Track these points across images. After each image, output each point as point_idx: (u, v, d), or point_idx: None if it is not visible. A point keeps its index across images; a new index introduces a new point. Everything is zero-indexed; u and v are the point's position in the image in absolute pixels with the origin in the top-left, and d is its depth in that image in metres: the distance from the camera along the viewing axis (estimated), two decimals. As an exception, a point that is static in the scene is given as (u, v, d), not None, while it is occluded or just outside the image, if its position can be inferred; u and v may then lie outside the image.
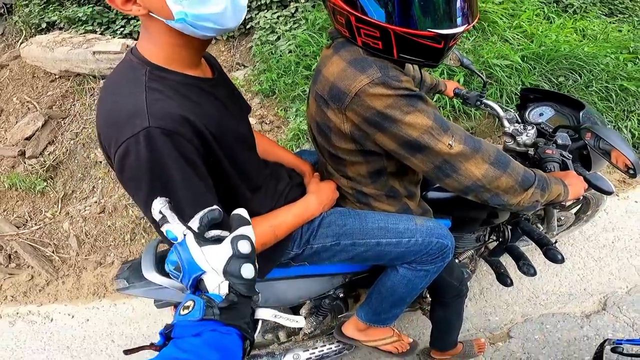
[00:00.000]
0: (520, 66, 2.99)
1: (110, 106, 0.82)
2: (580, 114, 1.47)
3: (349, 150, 1.06)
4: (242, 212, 0.69)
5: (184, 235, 0.64)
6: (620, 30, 3.63)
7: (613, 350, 0.96)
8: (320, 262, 1.20)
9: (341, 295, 1.45)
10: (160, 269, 1.15)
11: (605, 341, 0.99)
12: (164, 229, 0.66)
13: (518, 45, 3.17)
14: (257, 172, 1.06)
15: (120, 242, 2.79)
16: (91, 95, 3.36)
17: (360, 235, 1.14)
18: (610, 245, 2.44)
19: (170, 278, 1.11)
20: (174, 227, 0.65)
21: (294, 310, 1.60)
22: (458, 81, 2.82)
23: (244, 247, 0.62)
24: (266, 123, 3.15)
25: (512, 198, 1.00)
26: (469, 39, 3.21)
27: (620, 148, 1.19)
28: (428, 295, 1.71)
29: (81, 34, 3.57)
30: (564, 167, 1.29)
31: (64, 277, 2.70)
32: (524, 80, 2.98)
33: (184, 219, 0.76)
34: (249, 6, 3.53)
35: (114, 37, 3.50)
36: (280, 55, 3.24)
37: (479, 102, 1.63)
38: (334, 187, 1.21)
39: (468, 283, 1.80)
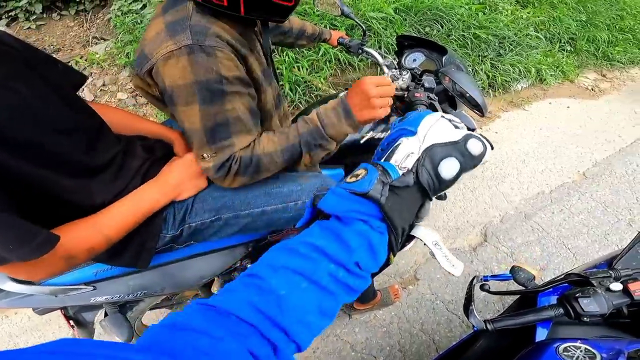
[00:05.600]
0: (394, 18, 3.14)
1: None
2: (443, 58, 1.60)
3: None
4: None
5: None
6: (472, -19, 4.01)
7: (481, 287, 1.00)
8: (208, 238, 1.08)
9: (249, 265, 1.42)
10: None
11: (473, 279, 1.01)
12: None
13: (391, -2, 3.31)
14: (91, 153, 0.87)
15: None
16: None
17: (241, 205, 1.04)
18: (481, 175, 2.79)
19: (30, 284, 0.98)
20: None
21: (206, 287, 1.52)
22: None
23: (474, 148, 0.51)
24: (140, 96, 2.84)
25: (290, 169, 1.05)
26: (347, -8, 3.25)
27: (470, 90, 1.36)
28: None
29: None
30: (431, 107, 1.40)
31: None
32: (398, 31, 3.14)
33: None
34: None
35: None
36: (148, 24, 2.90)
37: (360, 50, 1.70)
38: (188, 161, 1.01)
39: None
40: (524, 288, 0.98)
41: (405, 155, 0.50)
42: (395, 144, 0.52)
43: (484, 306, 1.99)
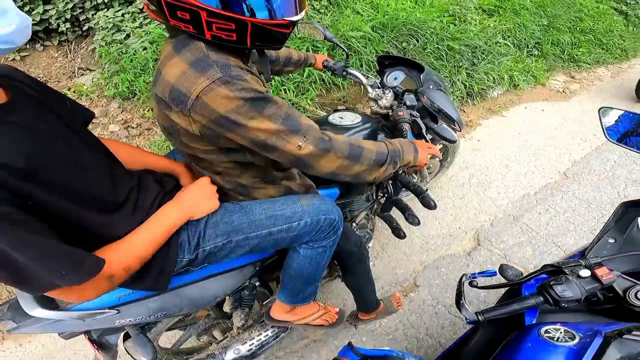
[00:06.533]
0: (372, 36, 3.27)
1: None
2: (421, 75, 1.71)
3: (205, 150, 1.03)
4: None
5: None
6: (442, -6, 4.19)
7: (470, 284, 1.07)
8: (220, 261, 1.17)
9: (257, 284, 1.45)
10: (44, 303, 1.04)
11: (462, 276, 1.08)
12: None
13: (368, 17, 3.44)
14: (112, 190, 0.94)
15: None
16: None
17: (250, 228, 1.13)
18: (468, 183, 2.89)
19: (58, 310, 1.04)
20: None
21: (217, 307, 1.56)
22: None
23: None
24: (132, 127, 2.85)
25: (369, 176, 1.14)
26: (327, 15, 3.37)
27: (446, 108, 1.48)
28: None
29: None
30: (413, 124, 1.49)
31: None
32: (376, 48, 3.26)
33: (16, 266, 0.70)
34: (81, 7, 3.21)
35: None
36: (134, 54, 2.95)
37: (345, 72, 1.78)
38: (204, 182, 1.13)
39: (370, 244, 1.97)
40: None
41: None
42: None
43: (484, 306, 2.05)
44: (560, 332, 0.76)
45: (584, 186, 2.89)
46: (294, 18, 0.97)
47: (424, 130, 1.49)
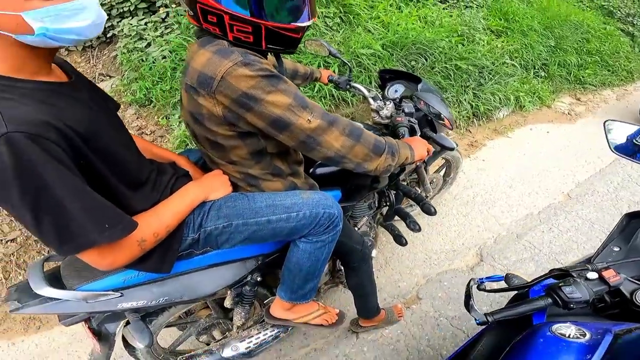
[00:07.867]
0: (382, 54, 3.35)
1: None
2: (418, 86, 1.81)
3: (226, 135, 1.13)
4: None
5: None
6: (451, 16, 4.30)
7: (478, 288, 1.10)
8: (221, 245, 1.23)
9: (259, 279, 1.48)
10: (53, 283, 1.10)
11: (470, 280, 1.11)
12: None
13: (378, 35, 3.54)
14: (139, 169, 1.07)
15: (-8, 282, 2.34)
16: None
17: (250, 214, 1.19)
18: (472, 201, 2.93)
19: (65, 289, 1.10)
20: None
21: (219, 305, 1.62)
22: (333, 71, 3.03)
23: None
24: (146, 134, 2.94)
25: (370, 164, 1.20)
26: (339, 32, 3.47)
27: (437, 106, 1.57)
28: (342, 268, 1.86)
29: None
30: (412, 130, 1.57)
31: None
32: (386, 66, 3.34)
33: (65, 216, 0.80)
34: (108, 14, 3.31)
35: None
36: (153, 62, 3.06)
37: (348, 86, 1.89)
38: (218, 172, 1.27)
39: (374, 254, 2.01)
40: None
41: None
42: None
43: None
44: (572, 330, 0.77)
45: (587, 207, 2.93)
46: (303, 24, 1.11)
47: (418, 134, 1.59)
